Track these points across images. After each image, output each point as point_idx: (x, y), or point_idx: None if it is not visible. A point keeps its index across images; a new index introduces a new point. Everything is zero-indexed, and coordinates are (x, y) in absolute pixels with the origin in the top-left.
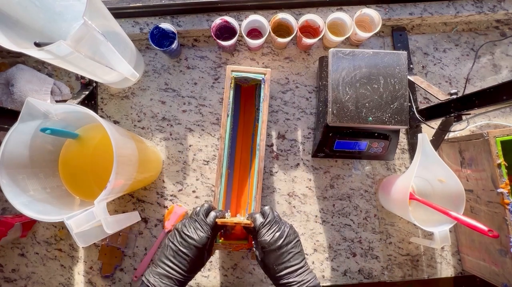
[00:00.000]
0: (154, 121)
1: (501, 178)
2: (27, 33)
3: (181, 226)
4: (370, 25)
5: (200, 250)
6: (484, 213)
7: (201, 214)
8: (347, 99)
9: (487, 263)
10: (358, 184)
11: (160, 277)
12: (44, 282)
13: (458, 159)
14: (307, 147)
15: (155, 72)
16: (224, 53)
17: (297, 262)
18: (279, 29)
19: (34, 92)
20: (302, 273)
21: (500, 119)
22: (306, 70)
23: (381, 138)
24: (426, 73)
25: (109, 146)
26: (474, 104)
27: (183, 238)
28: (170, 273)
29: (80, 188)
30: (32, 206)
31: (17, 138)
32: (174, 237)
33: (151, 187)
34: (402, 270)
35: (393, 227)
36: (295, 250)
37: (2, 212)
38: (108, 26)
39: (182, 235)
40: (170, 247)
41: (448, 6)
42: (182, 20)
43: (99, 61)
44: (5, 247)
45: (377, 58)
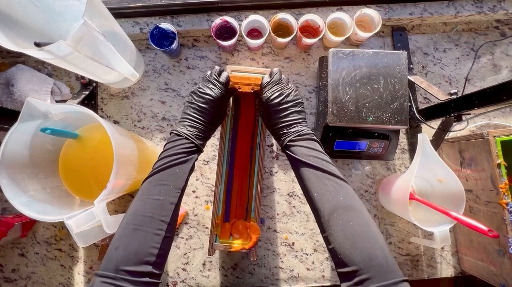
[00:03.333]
0: (154, 121)
1: (501, 178)
2: (27, 33)
3: (196, 88)
4: (370, 25)
5: (217, 104)
6: (483, 213)
7: (214, 74)
8: (347, 99)
9: (485, 263)
10: (358, 184)
11: (185, 127)
12: (44, 282)
13: (458, 159)
14: None
15: (155, 72)
16: (224, 53)
17: (293, 118)
18: (279, 29)
19: (34, 92)
20: (297, 126)
21: (500, 119)
22: (306, 70)
23: (381, 138)
24: (426, 73)
25: (109, 146)
26: (474, 104)
27: (200, 96)
28: (194, 124)
29: (80, 188)
30: (32, 206)
31: (17, 138)
32: (191, 98)
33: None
34: (402, 270)
35: (393, 227)
36: (294, 109)
37: (2, 212)
38: (108, 26)
39: (198, 94)
40: (189, 106)
41: (448, 6)
42: (182, 20)
43: (99, 61)
44: (5, 247)
45: (377, 58)
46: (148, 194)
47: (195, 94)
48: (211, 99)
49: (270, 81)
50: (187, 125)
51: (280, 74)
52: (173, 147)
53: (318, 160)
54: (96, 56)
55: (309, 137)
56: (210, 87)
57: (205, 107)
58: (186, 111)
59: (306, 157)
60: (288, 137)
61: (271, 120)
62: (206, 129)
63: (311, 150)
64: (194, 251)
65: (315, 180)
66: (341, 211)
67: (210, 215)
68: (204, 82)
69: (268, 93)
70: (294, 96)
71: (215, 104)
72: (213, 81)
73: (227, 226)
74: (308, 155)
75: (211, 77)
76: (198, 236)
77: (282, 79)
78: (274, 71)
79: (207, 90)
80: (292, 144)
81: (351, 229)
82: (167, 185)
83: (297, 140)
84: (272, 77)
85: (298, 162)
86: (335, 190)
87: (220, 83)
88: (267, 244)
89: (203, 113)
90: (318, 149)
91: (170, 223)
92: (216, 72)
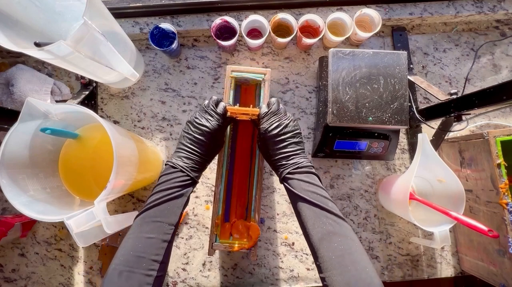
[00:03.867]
0: (154, 121)
1: (501, 178)
2: (27, 33)
3: (193, 118)
4: (370, 25)
5: (213, 136)
6: (483, 213)
7: (211, 105)
8: (347, 99)
9: (485, 263)
10: (358, 184)
11: (181, 159)
12: (44, 282)
13: (458, 159)
14: (307, 147)
15: (155, 72)
16: (224, 53)
17: (292, 149)
18: (279, 29)
19: (34, 92)
20: (295, 157)
21: (500, 119)
22: (306, 70)
23: (381, 138)
24: (426, 73)
25: (109, 146)
26: (474, 104)
27: (196, 127)
28: (189, 155)
29: (80, 188)
30: (32, 206)
31: (17, 138)
32: (188, 128)
33: (151, 187)
34: (402, 270)
35: (393, 227)
36: (292, 140)
37: (2, 212)
38: (108, 26)
39: (195, 125)
40: (185, 136)
41: (448, 6)
42: (182, 20)
43: (99, 61)
44: (5, 247)
45: (377, 58)
46: (140, 231)
47: (191, 124)
48: (208, 131)
49: (268, 112)
50: (183, 157)
51: (278, 104)
52: (167, 180)
53: (316, 196)
54: (96, 56)
55: (308, 171)
56: (207, 118)
57: (202, 139)
58: (182, 141)
59: (304, 192)
60: (287, 169)
61: (269, 151)
62: (202, 160)
63: (310, 185)
64: (194, 251)
65: (313, 217)
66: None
67: (210, 215)
68: (201, 112)
69: (266, 124)
70: (293, 127)
71: (211, 135)
72: (210, 111)
73: (227, 226)
74: (307, 190)
75: (208, 108)
76: (198, 236)
77: (280, 109)
78: (271, 101)
79: (204, 121)
80: (290, 177)
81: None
82: (161, 222)
83: (296, 173)
84: (270, 107)
85: (296, 197)
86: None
87: (217, 114)
88: (267, 244)
89: (199, 145)
90: (317, 183)
91: (163, 261)
92: (213, 103)
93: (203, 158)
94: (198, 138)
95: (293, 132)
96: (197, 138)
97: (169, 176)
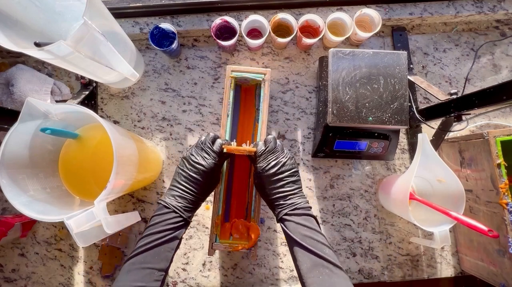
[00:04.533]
0: (154, 121)
1: (501, 178)
2: (27, 33)
3: (189, 155)
4: (370, 25)
5: (209, 174)
6: (483, 213)
7: (207, 142)
8: (347, 99)
9: (485, 263)
10: (358, 184)
11: (175, 198)
12: (44, 282)
13: (458, 159)
14: (307, 147)
15: (155, 72)
16: (224, 53)
17: (289, 188)
18: (279, 29)
19: (34, 92)
20: (293, 197)
21: (500, 119)
22: (306, 70)
23: (381, 138)
24: (426, 73)
25: (109, 146)
26: (474, 104)
27: (191, 165)
28: (183, 194)
29: (80, 188)
30: (32, 206)
31: (17, 138)
32: (183, 165)
33: (151, 187)
34: (402, 270)
35: (393, 227)
36: (290, 179)
37: (2, 212)
38: (108, 26)
39: (190, 162)
40: (181, 174)
41: (448, 6)
42: (182, 20)
43: (99, 61)
44: (5, 247)
45: (377, 58)
46: (129, 280)
47: (187, 162)
48: (204, 170)
49: (265, 150)
50: (177, 196)
51: (275, 142)
52: (160, 222)
53: (313, 242)
54: (96, 56)
55: (306, 213)
56: (203, 156)
57: (197, 178)
58: (177, 178)
59: (301, 237)
60: (284, 209)
61: (266, 190)
62: (196, 199)
63: (307, 229)
64: (194, 251)
65: (309, 265)
66: None
67: (210, 215)
68: (198, 149)
69: (263, 163)
70: (291, 165)
71: (207, 174)
72: (207, 149)
73: (227, 226)
74: (304, 236)
75: (205, 145)
76: (198, 236)
77: (277, 146)
78: (268, 139)
79: (200, 159)
80: (287, 218)
81: None
82: (151, 268)
83: (293, 214)
84: (267, 145)
85: (293, 241)
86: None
87: (213, 152)
88: (267, 244)
89: (194, 183)
90: (314, 227)
91: None
92: (210, 140)
93: (198, 197)
94: (193, 176)
95: (291, 171)
96: (192, 177)
97: (162, 217)
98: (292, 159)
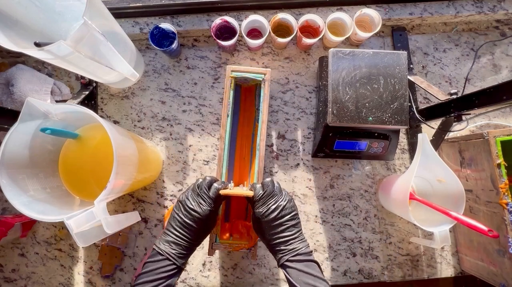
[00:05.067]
0: (154, 121)
1: (501, 178)
2: (27, 33)
3: (185, 199)
4: (370, 25)
5: (204, 221)
6: (483, 213)
7: (204, 187)
8: (347, 99)
9: (485, 263)
10: (358, 184)
11: (169, 244)
12: (44, 282)
13: (458, 159)
14: (307, 147)
15: (155, 72)
16: (224, 53)
17: (290, 233)
18: (279, 29)
19: (34, 92)
20: (294, 242)
21: (500, 119)
22: (306, 70)
23: (381, 138)
24: (426, 73)
25: (109, 146)
26: (474, 104)
27: (187, 211)
28: (178, 240)
29: (80, 188)
30: (32, 206)
31: (17, 138)
32: (179, 209)
33: (151, 187)
34: (402, 270)
35: (393, 227)
36: (290, 223)
37: (2, 212)
38: (108, 26)
39: (186, 208)
40: (176, 219)
41: (448, 6)
42: (182, 20)
43: (99, 61)
44: (5, 247)
45: (377, 58)
46: None
47: (182, 207)
48: (199, 217)
49: (264, 195)
50: (171, 242)
51: (273, 185)
52: (153, 270)
53: None
54: (96, 56)
55: (308, 258)
56: (199, 202)
57: (191, 224)
58: (172, 223)
59: (303, 285)
60: (285, 255)
61: (266, 236)
62: (190, 245)
63: (310, 277)
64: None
65: None
66: None
67: None
68: (194, 194)
69: (262, 209)
70: (290, 208)
71: (202, 221)
72: (203, 195)
73: (227, 226)
74: (307, 284)
75: (201, 191)
76: None
77: (275, 188)
78: (265, 183)
79: (195, 206)
80: (289, 264)
81: None
82: None
83: (295, 261)
84: (264, 189)
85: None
86: None
87: (209, 198)
88: None
89: (188, 230)
90: (317, 274)
91: None
92: (206, 185)
93: (192, 243)
94: (188, 223)
95: (291, 214)
96: (187, 223)
97: (155, 265)
98: (292, 201)
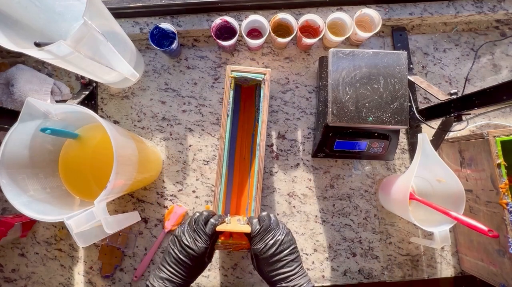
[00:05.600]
0: (154, 121)
1: (501, 178)
2: (27, 33)
3: (181, 234)
4: (370, 25)
5: (200, 258)
6: (483, 213)
7: (200, 223)
8: (347, 99)
9: (485, 263)
10: (358, 184)
11: (163, 281)
12: (44, 282)
13: (458, 159)
14: (307, 147)
15: (155, 72)
16: (224, 53)
17: (290, 269)
18: (279, 29)
19: (34, 92)
20: (294, 279)
21: (500, 119)
22: (306, 70)
23: (381, 138)
24: (426, 73)
25: (109, 146)
26: (474, 104)
27: (182, 247)
28: (172, 277)
29: (80, 188)
30: (32, 206)
31: (17, 138)
32: (174, 245)
33: (151, 187)
34: (402, 270)
35: (393, 227)
36: (289, 258)
37: (2, 212)
38: (108, 26)
39: (181, 244)
40: (171, 254)
41: (448, 6)
42: (182, 20)
43: (99, 61)
44: (5, 247)
45: (377, 58)
46: None
47: (178, 243)
48: (194, 255)
49: (261, 230)
50: (165, 279)
51: (270, 219)
52: None
53: None
54: (96, 56)
55: None
56: (195, 238)
57: (186, 262)
58: (167, 258)
59: None
60: None
61: (266, 273)
62: (184, 282)
63: None
64: None
65: None
66: None
67: None
68: (190, 230)
69: (260, 245)
70: (289, 242)
71: (197, 259)
72: (199, 231)
73: None
74: None
75: (198, 227)
76: None
77: (272, 222)
78: (262, 218)
79: (191, 243)
80: None
81: None
82: None
83: None
84: (261, 225)
85: None
86: None
87: (205, 235)
88: None
89: (183, 267)
90: None
91: None
92: (202, 221)
93: (186, 280)
94: (183, 260)
95: (289, 249)
96: (182, 260)
97: None
98: (289, 235)
